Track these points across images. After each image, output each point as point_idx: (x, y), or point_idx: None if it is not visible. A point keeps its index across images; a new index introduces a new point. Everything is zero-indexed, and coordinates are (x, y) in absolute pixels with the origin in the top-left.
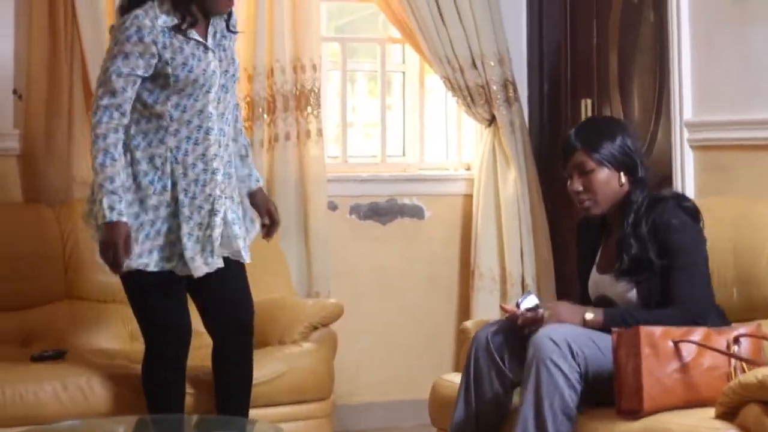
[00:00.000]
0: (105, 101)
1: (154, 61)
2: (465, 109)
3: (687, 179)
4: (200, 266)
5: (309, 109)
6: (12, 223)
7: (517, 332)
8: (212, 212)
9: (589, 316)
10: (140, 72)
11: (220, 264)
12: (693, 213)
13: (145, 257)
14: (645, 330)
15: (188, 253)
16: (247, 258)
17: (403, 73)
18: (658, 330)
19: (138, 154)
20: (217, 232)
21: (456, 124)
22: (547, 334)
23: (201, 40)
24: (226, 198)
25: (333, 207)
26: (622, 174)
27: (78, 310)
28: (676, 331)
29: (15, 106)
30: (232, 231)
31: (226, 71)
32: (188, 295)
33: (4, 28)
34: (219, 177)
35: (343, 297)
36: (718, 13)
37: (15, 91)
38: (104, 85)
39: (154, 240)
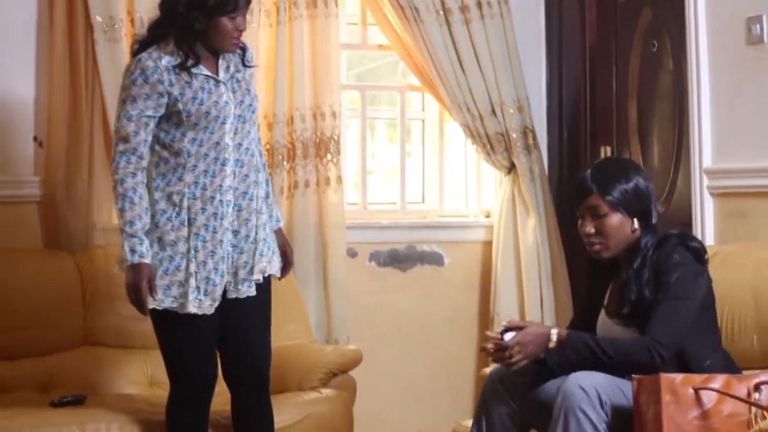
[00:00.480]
0: (120, 147)
1: (163, 100)
2: (484, 156)
3: (707, 226)
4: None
5: (329, 156)
6: (32, 269)
7: (528, 374)
8: (221, 243)
9: (554, 331)
10: (150, 113)
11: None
12: (697, 253)
13: (161, 293)
14: (665, 377)
15: (192, 285)
16: (241, 293)
17: (423, 120)
18: (678, 377)
19: (157, 195)
20: (220, 265)
21: (475, 171)
22: (576, 381)
23: (210, 74)
24: (231, 231)
25: (352, 254)
26: (635, 220)
27: (97, 356)
28: (697, 379)
29: (35, 153)
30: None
31: (242, 101)
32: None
33: (25, 75)
34: (229, 209)
35: (363, 343)
36: (737, 60)
37: (35, 138)
38: (118, 131)
39: (173, 275)
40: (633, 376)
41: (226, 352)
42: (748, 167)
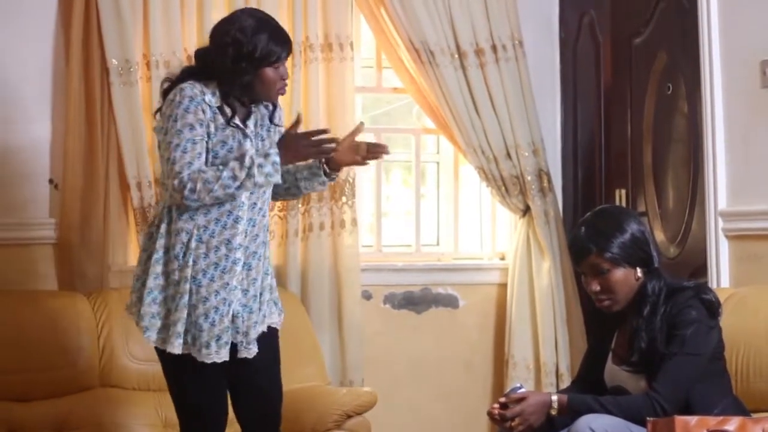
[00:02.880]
0: (185, 174)
1: (207, 129)
2: (499, 199)
3: (722, 268)
4: (213, 353)
5: (344, 199)
6: (47, 311)
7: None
8: (225, 301)
9: (554, 398)
10: (205, 137)
11: (225, 357)
12: (711, 306)
13: (174, 338)
14: (680, 419)
15: (204, 337)
16: (251, 353)
17: (438, 163)
18: (693, 419)
19: (172, 226)
20: (226, 321)
21: (490, 213)
22: (587, 423)
23: (240, 125)
24: (241, 290)
25: (367, 296)
26: (637, 269)
27: (112, 398)
28: (712, 421)
29: (51, 195)
30: (234, 323)
31: None
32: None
33: (41, 118)
34: (238, 268)
35: (377, 386)
36: (752, 103)
37: (51, 181)
38: (177, 162)
39: (179, 313)
40: (648, 419)
41: (237, 391)
42: (763, 210)
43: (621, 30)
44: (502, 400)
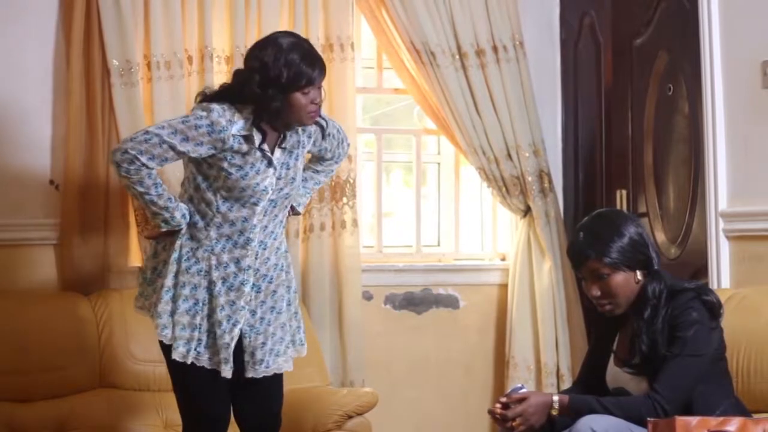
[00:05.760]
0: (144, 158)
1: (213, 152)
2: (500, 199)
3: (722, 269)
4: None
5: (344, 199)
6: (48, 312)
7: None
8: (230, 319)
9: (555, 398)
10: (194, 155)
11: (227, 375)
12: (713, 307)
13: (182, 347)
14: (680, 420)
15: (205, 345)
16: (258, 373)
17: (438, 163)
18: (694, 420)
19: (191, 230)
20: (227, 338)
21: (491, 214)
22: (588, 424)
23: (268, 153)
24: (249, 311)
25: (368, 297)
26: (637, 272)
27: (113, 399)
28: (713, 421)
29: (52, 196)
30: (241, 344)
31: (281, 189)
32: None
33: (42, 118)
34: (246, 288)
35: (378, 386)
36: (753, 104)
37: (52, 182)
38: (146, 143)
39: (193, 318)
40: (648, 419)
41: (237, 395)
42: (764, 210)
43: (622, 31)
44: (504, 399)
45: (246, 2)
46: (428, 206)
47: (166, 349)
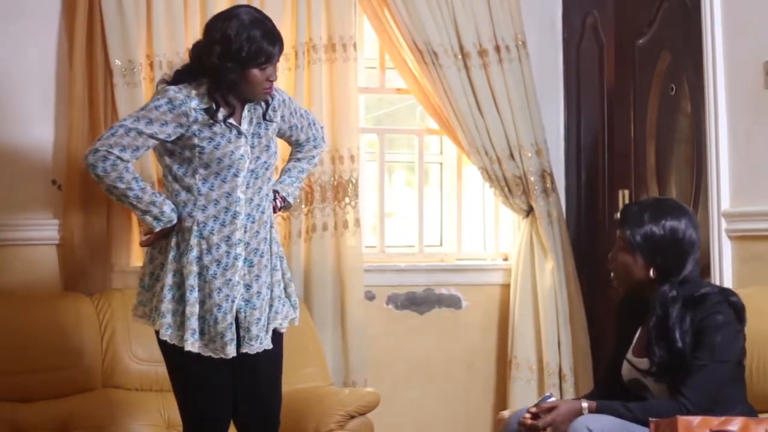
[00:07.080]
0: (116, 151)
1: (180, 131)
2: (502, 199)
3: (725, 269)
4: (219, 350)
5: (347, 199)
6: (51, 311)
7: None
8: (228, 297)
9: (584, 405)
10: (162, 137)
11: (232, 353)
12: (738, 309)
13: (188, 335)
14: (683, 420)
15: (211, 332)
16: (252, 349)
17: (441, 164)
18: (695, 420)
19: (181, 224)
20: (229, 318)
21: (493, 214)
22: (584, 423)
23: (234, 123)
24: (243, 285)
25: (370, 297)
26: (652, 268)
27: (115, 398)
28: (714, 421)
29: (55, 196)
30: (237, 319)
31: (258, 158)
32: None
33: (45, 119)
34: (239, 263)
35: (380, 386)
36: (755, 103)
37: (54, 182)
38: (114, 136)
39: (192, 308)
40: (650, 419)
41: (236, 397)
42: (766, 210)
43: (624, 31)
44: (533, 409)
45: (248, 2)
46: (431, 206)
47: (167, 349)
